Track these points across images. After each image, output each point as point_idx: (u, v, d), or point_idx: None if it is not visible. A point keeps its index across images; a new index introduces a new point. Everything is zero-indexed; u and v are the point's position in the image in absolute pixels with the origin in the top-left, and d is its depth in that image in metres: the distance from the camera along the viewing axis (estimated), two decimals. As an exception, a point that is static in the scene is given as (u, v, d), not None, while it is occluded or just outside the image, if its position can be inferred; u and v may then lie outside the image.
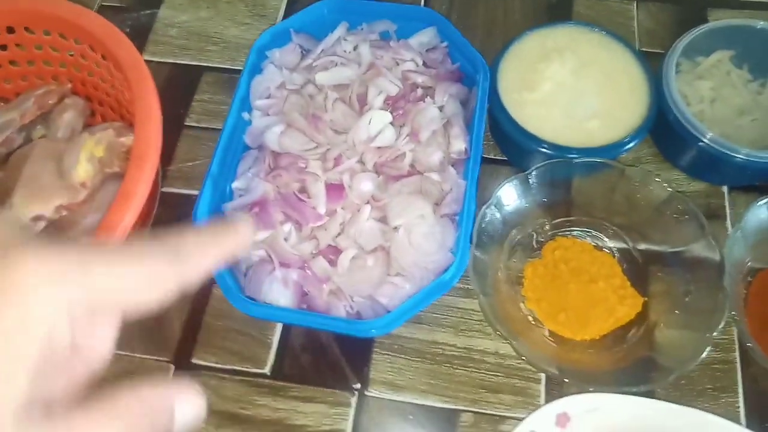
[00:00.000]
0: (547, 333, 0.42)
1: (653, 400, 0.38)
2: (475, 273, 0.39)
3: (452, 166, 0.43)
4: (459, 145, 0.43)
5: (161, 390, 0.19)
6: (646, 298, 0.42)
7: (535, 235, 0.45)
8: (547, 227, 0.46)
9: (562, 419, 0.37)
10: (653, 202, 0.42)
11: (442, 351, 0.43)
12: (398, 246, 0.40)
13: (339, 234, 0.41)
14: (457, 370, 0.42)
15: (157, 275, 0.20)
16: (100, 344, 0.20)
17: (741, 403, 0.40)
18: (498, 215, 0.42)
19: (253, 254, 0.40)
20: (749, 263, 0.43)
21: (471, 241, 0.40)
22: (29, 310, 0.17)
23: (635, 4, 0.57)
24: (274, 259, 0.40)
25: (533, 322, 0.43)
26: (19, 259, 0.17)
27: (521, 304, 0.43)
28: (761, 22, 0.46)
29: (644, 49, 0.54)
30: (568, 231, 0.46)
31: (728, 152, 0.43)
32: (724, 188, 0.48)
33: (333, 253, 0.41)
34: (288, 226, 0.41)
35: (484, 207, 0.41)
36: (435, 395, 0.41)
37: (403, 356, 0.43)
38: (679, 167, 0.48)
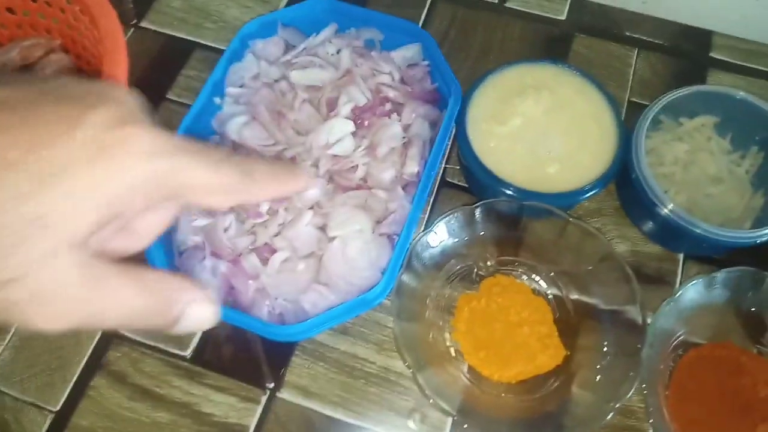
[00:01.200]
0: (466, 368, 0.42)
1: None
2: (397, 296, 0.39)
3: (404, 186, 0.43)
4: (413, 166, 0.42)
5: (186, 285, 0.22)
6: (568, 353, 0.42)
7: (476, 268, 0.45)
8: (490, 262, 0.45)
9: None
10: (594, 258, 0.41)
11: (361, 366, 0.43)
12: (331, 256, 0.40)
13: (277, 234, 0.41)
14: (371, 389, 0.42)
15: (228, 185, 0.23)
16: (147, 230, 0.24)
17: (644, 474, 0.40)
18: (436, 244, 0.42)
19: (189, 238, 0.41)
20: (682, 336, 0.42)
21: (402, 265, 0.40)
22: (122, 169, 0.20)
23: (636, 51, 0.55)
24: (206, 247, 0.40)
25: (455, 355, 0.43)
26: (133, 131, 0.20)
27: (447, 334, 0.43)
28: (741, 93, 0.45)
29: (634, 99, 0.53)
30: (511, 270, 0.45)
31: (685, 224, 0.41)
32: (680, 255, 0.47)
33: (269, 251, 0.41)
34: (230, 218, 0.41)
35: (422, 233, 0.41)
36: (344, 409, 0.42)
37: (322, 364, 0.43)
38: (637, 227, 0.47)
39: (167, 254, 0.41)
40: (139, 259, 0.23)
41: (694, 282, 0.39)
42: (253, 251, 0.41)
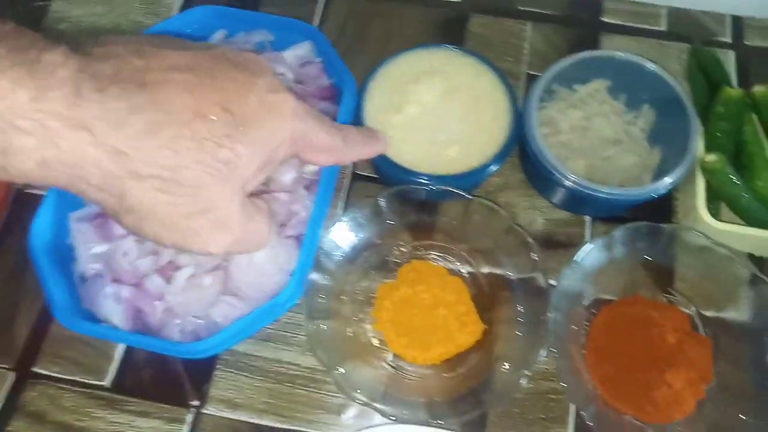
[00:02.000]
0: (391, 357, 0.43)
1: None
2: (307, 296, 0.39)
3: (308, 186, 0.43)
4: (311, 165, 0.42)
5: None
6: (486, 327, 0.42)
7: (391, 257, 0.45)
8: (405, 249, 0.46)
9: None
10: (499, 231, 0.42)
11: (285, 370, 0.43)
12: (238, 266, 0.39)
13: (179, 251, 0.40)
14: (298, 390, 0.42)
15: (333, 147, 0.30)
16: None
17: (569, 435, 0.41)
18: (343, 239, 0.42)
19: (89, 267, 0.40)
20: (593, 296, 0.44)
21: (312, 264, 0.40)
22: (279, 127, 0.26)
23: (529, 25, 0.56)
24: (105, 274, 0.39)
25: (378, 345, 0.43)
26: (284, 96, 0.27)
27: (369, 326, 0.43)
28: (621, 54, 0.46)
29: (532, 72, 0.54)
30: (427, 254, 0.46)
31: (583, 189, 0.42)
32: (588, 218, 0.48)
33: (174, 269, 0.40)
34: (129, 241, 0.40)
35: (328, 230, 0.41)
36: (272, 414, 0.42)
37: (246, 374, 0.43)
38: (543, 196, 0.49)
39: (68, 285, 0.40)
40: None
41: (592, 243, 0.41)
42: (157, 271, 0.40)
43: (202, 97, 0.24)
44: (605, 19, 0.57)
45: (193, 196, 0.24)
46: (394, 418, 0.37)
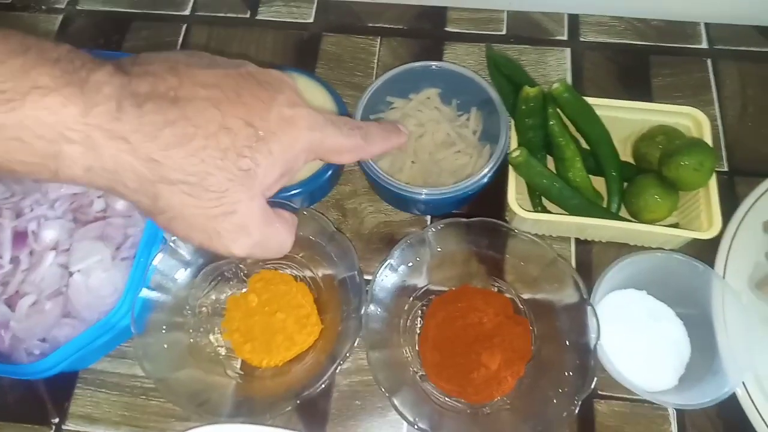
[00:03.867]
0: (239, 364, 0.46)
1: (271, 427, 0.42)
2: (142, 313, 0.42)
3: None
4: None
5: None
6: (323, 327, 0.46)
7: (240, 268, 0.48)
8: (251, 260, 0.49)
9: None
10: (324, 237, 0.45)
11: (140, 384, 0.46)
12: (75, 289, 0.42)
13: (23, 281, 0.43)
14: (152, 401, 0.45)
15: (354, 146, 0.33)
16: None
17: None
18: (180, 256, 0.45)
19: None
20: (423, 289, 0.47)
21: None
22: (297, 139, 0.29)
23: (378, 40, 0.60)
24: (-51, 309, 0.42)
25: (225, 353, 0.46)
26: (300, 111, 0.29)
27: (217, 336, 0.46)
28: (435, 64, 0.50)
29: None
30: (277, 262, 0.49)
31: (409, 194, 0.46)
32: (428, 217, 0.52)
33: (20, 298, 0.43)
34: (-23, 275, 0.43)
35: (165, 250, 0.44)
36: (127, 426, 0.44)
37: (103, 390, 0.46)
38: (384, 200, 0.52)
39: None
40: None
41: (407, 241, 0.44)
42: (4, 300, 0.43)
43: (227, 112, 0.26)
44: (449, 29, 0.61)
45: (217, 200, 0.26)
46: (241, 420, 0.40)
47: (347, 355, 0.40)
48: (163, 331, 0.43)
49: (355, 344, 0.41)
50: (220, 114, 0.26)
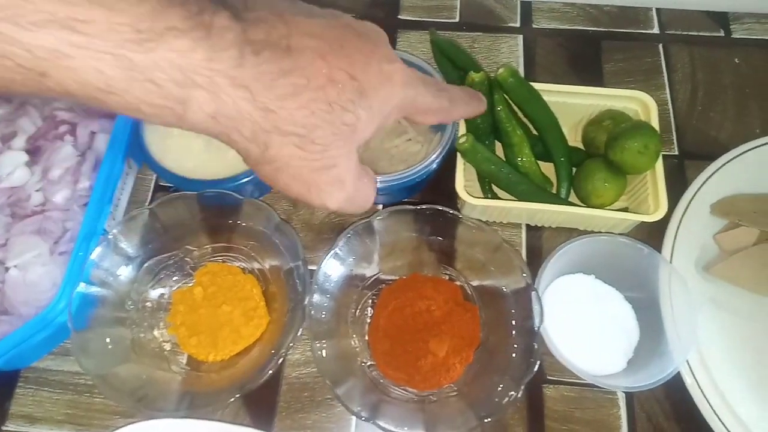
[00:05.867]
0: (185, 359, 0.45)
1: (216, 422, 0.41)
2: (80, 308, 0.41)
3: (87, 203, 0.45)
4: (84, 182, 0.44)
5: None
6: (269, 318, 0.45)
7: (187, 261, 0.48)
8: (199, 252, 0.48)
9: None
10: (270, 226, 0.45)
11: (84, 381, 0.45)
12: (12, 285, 0.41)
13: (-42, 277, 0.42)
14: (96, 399, 0.44)
15: (440, 109, 0.33)
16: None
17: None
18: (120, 250, 0.44)
19: None
20: (374, 277, 0.46)
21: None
22: (393, 94, 0.29)
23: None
24: None
25: (171, 348, 0.45)
26: (398, 66, 0.29)
27: (162, 331, 0.45)
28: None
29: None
30: (225, 254, 0.48)
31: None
32: (380, 206, 0.51)
33: (-46, 295, 0.42)
34: None
35: (106, 243, 0.43)
36: (70, 424, 0.43)
37: (46, 389, 0.45)
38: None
39: None
40: None
41: (353, 230, 0.43)
42: (-63, 299, 0.41)
43: (333, 64, 0.26)
44: (402, 17, 0.60)
45: (321, 153, 0.27)
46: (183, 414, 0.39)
47: (291, 345, 0.40)
48: (105, 327, 0.42)
49: (299, 335, 0.40)
50: (327, 66, 0.26)
